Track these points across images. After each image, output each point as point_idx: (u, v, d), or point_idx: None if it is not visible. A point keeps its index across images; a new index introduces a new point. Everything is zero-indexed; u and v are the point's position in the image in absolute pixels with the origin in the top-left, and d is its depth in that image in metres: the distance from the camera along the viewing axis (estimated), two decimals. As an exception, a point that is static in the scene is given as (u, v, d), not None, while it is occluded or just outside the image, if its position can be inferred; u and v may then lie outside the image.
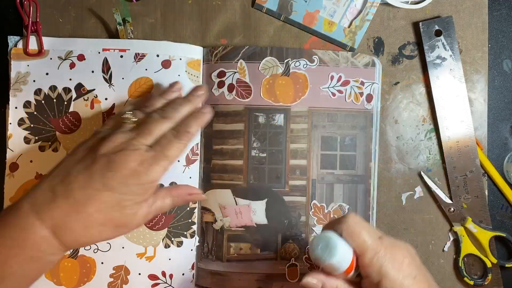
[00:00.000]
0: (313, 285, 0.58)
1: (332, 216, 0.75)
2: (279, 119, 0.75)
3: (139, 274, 0.73)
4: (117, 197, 0.58)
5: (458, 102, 0.75)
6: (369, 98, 0.76)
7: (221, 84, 0.75)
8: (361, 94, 0.75)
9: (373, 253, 0.56)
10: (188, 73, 0.75)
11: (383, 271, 0.55)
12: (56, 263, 0.60)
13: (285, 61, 0.75)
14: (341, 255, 0.55)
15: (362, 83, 0.75)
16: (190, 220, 0.74)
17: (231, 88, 0.75)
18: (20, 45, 0.73)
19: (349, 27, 0.76)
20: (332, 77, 0.75)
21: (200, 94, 0.69)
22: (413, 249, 0.60)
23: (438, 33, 0.75)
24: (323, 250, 0.55)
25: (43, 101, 0.73)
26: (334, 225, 0.58)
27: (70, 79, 0.73)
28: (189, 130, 0.63)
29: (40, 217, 0.57)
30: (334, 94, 0.75)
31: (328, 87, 0.75)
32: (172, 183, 0.73)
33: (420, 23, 0.76)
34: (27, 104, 0.73)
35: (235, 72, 0.75)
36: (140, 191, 0.59)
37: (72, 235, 0.58)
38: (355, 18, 0.76)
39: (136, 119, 0.63)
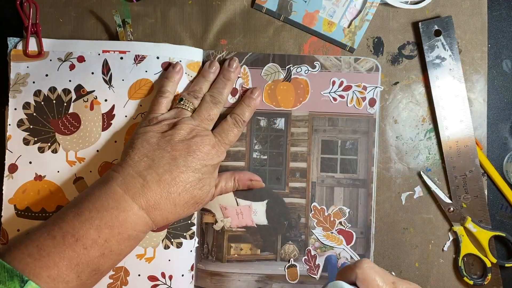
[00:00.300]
0: None
1: (332, 219, 0.75)
2: (280, 123, 0.76)
3: (139, 275, 0.73)
4: (198, 176, 0.67)
5: (458, 102, 0.75)
6: (372, 102, 0.75)
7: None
8: (364, 98, 0.75)
9: None
10: (188, 75, 0.74)
11: None
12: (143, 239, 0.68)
13: (286, 67, 0.76)
14: None
15: (365, 88, 0.75)
16: (189, 221, 0.74)
17: (234, 92, 0.75)
18: (20, 46, 0.73)
19: (348, 27, 0.76)
20: (333, 82, 0.75)
21: (233, 68, 0.75)
22: None
23: (437, 33, 0.75)
24: None
25: (42, 102, 0.73)
26: (348, 271, 0.58)
27: (70, 81, 0.73)
28: (245, 119, 0.73)
29: (136, 200, 0.63)
30: (335, 99, 0.75)
31: (329, 92, 0.75)
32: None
33: (420, 23, 0.75)
34: (26, 105, 0.73)
35: (239, 77, 0.75)
36: (212, 170, 0.69)
37: (163, 214, 0.65)
38: (354, 18, 0.76)
39: (193, 107, 0.71)
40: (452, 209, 0.75)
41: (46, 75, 0.73)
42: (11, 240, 0.71)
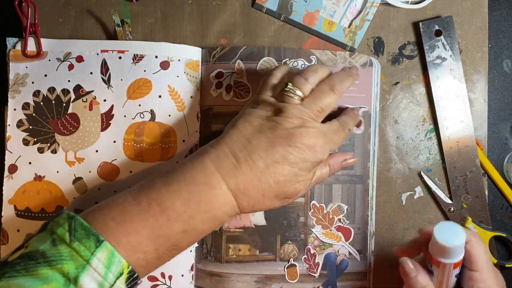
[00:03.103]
0: (409, 268, 0.59)
1: (331, 216, 0.72)
2: (277, 120, 0.72)
3: (138, 275, 0.70)
4: (295, 171, 0.59)
5: (458, 102, 0.73)
6: (367, 98, 0.73)
7: (219, 85, 0.72)
8: (359, 94, 0.72)
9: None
10: (187, 74, 0.72)
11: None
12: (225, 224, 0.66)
13: (282, 61, 0.72)
14: (462, 243, 0.55)
15: (360, 83, 0.72)
16: (189, 221, 0.71)
17: (229, 88, 0.72)
18: (18, 46, 0.71)
19: (349, 27, 0.74)
20: None
21: (355, 73, 0.67)
22: None
23: (438, 33, 0.73)
24: (450, 233, 0.54)
25: (41, 103, 0.70)
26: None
27: (69, 81, 0.71)
28: (350, 128, 0.66)
29: (226, 180, 0.57)
30: None
31: None
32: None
33: (420, 23, 0.73)
34: (25, 106, 0.70)
35: (233, 73, 0.72)
36: (311, 167, 0.61)
37: (250, 201, 0.58)
38: (355, 18, 0.74)
39: (302, 95, 0.61)
40: (452, 209, 0.73)
41: (45, 75, 0.71)
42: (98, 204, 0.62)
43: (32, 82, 0.70)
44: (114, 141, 0.70)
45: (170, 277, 0.70)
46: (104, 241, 0.52)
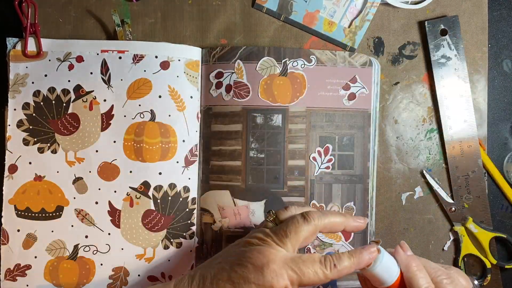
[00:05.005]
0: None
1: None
2: (277, 119, 0.71)
3: (138, 275, 0.69)
4: None
5: (462, 102, 0.72)
6: (367, 97, 0.72)
7: (219, 85, 0.72)
8: (359, 93, 0.72)
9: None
10: (187, 74, 0.71)
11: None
12: None
13: (282, 61, 0.72)
14: (387, 265, 0.55)
15: (360, 83, 0.72)
16: (189, 221, 0.71)
17: (228, 88, 0.71)
18: (18, 46, 0.70)
19: (349, 27, 0.73)
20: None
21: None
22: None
23: (443, 33, 0.72)
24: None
25: (41, 103, 0.70)
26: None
27: (69, 81, 0.70)
28: (344, 271, 0.54)
29: None
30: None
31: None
32: (171, 185, 0.69)
33: (426, 22, 0.73)
34: (25, 106, 0.70)
35: (233, 73, 0.71)
36: None
37: None
38: (355, 18, 0.73)
39: (276, 219, 0.60)
40: (453, 209, 0.72)
41: (45, 75, 0.70)
42: None
43: (32, 82, 0.70)
44: (114, 141, 0.70)
45: (170, 277, 0.69)
46: None
